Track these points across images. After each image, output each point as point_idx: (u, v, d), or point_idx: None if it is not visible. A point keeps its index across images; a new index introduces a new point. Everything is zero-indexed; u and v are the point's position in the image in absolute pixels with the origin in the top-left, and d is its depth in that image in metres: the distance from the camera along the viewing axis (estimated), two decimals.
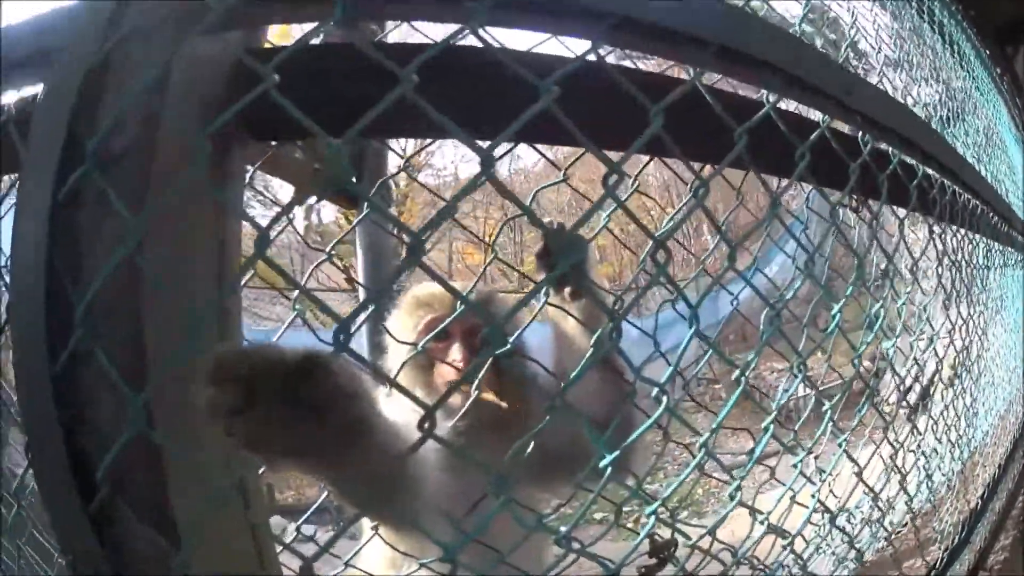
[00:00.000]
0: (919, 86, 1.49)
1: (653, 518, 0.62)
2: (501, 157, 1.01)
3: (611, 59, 0.54)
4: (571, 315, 0.94)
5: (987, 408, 1.99)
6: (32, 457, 0.50)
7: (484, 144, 0.42)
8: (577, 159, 0.85)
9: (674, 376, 0.61)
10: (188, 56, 0.50)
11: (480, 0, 0.39)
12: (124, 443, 0.44)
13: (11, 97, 0.61)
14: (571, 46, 0.48)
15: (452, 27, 0.43)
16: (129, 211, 0.45)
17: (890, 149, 0.82)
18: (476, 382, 0.76)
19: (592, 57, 0.41)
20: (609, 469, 0.49)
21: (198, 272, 0.51)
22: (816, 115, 0.74)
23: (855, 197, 0.77)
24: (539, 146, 0.69)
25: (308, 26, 0.46)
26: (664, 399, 0.49)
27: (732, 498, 0.69)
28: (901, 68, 1.42)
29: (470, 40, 0.45)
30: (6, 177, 0.67)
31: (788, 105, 0.61)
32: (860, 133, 0.71)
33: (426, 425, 0.38)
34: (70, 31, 0.50)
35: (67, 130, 0.47)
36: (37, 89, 0.56)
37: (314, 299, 0.49)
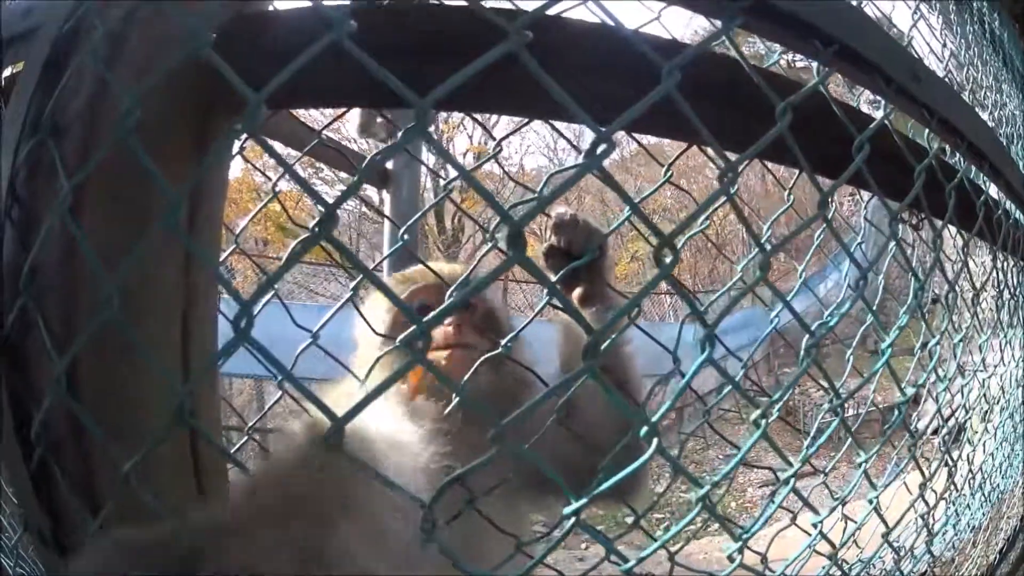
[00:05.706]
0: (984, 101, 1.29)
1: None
2: (506, 136, 0.88)
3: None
4: (578, 321, 0.79)
5: (1021, 458, 1.74)
6: None
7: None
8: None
9: (681, 395, 0.51)
10: (150, 25, 0.48)
11: None
12: (47, 410, 0.43)
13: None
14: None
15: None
16: (68, 178, 0.43)
17: (957, 156, 0.66)
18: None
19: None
20: (573, 519, 0.38)
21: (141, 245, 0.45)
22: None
23: (916, 212, 0.62)
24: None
25: None
26: (655, 441, 0.37)
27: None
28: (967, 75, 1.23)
29: None
30: None
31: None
32: (926, 132, 0.56)
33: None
34: (49, 9, 0.50)
35: (31, 101, 0.47)
36: None
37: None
